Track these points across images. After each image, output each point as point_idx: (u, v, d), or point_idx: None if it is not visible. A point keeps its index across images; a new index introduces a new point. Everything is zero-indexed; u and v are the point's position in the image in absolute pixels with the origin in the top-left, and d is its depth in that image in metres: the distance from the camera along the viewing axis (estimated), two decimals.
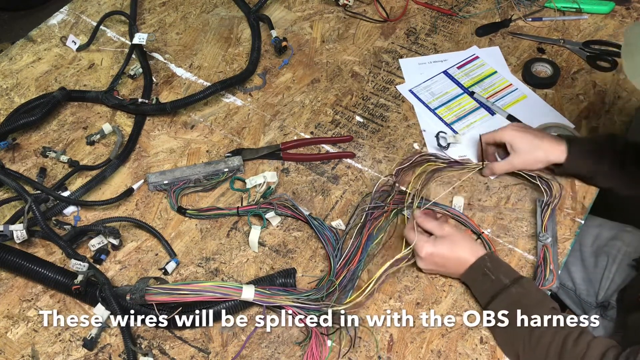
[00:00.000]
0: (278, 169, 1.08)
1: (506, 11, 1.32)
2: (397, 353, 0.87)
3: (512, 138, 0.99)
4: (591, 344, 0.78)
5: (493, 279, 0.86)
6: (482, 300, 0.88)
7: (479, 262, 0.88)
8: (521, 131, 0.99)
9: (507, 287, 0.85)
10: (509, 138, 0.99)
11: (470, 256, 0.89)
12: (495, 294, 0.86)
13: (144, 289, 0.85)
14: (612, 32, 1.27)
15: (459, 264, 0.90)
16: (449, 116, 1.14)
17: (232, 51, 1.27)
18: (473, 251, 0.89)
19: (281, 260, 0.97)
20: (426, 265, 0.92)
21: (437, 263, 0.91)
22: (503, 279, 0.86)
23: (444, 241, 0.90)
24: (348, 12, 1.33)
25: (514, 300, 0.84)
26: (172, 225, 1.01)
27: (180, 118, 1.16)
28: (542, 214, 0.98)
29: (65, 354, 0.88)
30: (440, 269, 0.92)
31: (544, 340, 0.80)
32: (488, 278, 0.87)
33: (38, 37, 1.30)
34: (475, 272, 0.88)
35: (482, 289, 0.88)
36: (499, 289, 0.86)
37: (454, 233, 0.91)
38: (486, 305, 0.87)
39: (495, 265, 0.88)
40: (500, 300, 0.85)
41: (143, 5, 1.36)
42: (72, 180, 1.06)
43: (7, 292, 0.94)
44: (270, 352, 0.87)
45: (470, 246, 0.90)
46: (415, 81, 1.20)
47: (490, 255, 0.89)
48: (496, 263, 0.89)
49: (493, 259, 0.89)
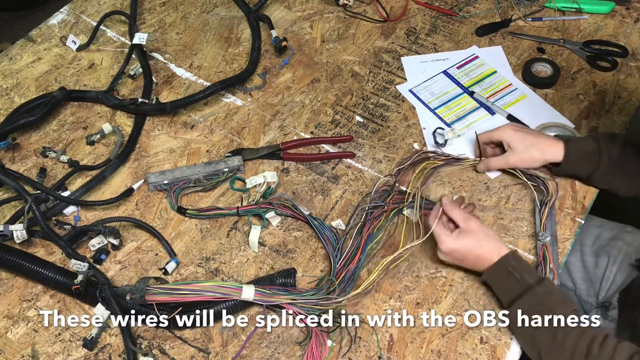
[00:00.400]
0: (278, 169, 1.08)
1: (506, 11, 1.32)
2: (397, 353, 0.87)
3: (509, 136, 0.99)
4: (617, 347, 0.78)
5: (518, 278, 0.86)
6: (506, 298, 0.88)
7: (503, 261, 0.87)
8: (518, 130, 1.00)
9: (533, 287, 0.85)
10: (506, 137, 0.99)
11: (493, 255, 0.88)
12: (521, 293, 0.85)
13: (144, 289, 0.85)
14: (612, 32, 1.27)
15: (481, 262, 0.89)
16: (449, 116, 1.14)
17: (232, 51, 1.27)
18: (496, 250, 0.88)
19: (281, 260, 0.97)
20: (446, 259, 0.91)
21: (457, 259, 0.91)
22: (528, 278, 0.86)
23: (467, 237, 0.89)
24: (348, 12, 1.33)
25: (539, 300, 0.84)
26: (172, 225, 1.01)
27: (180, 118, 1.16)
28: (540, 213, 0.98)
29: (65, 354, 0.88)
30: (460, 264, 0.92)
31: (569, 342, 0.80)
32: (512, 277, 0.86)
33: (38, 37, 1.30)
34: (499, 270, 0.87)
35: (506, 288, 0.87)
36: (525, 288, 0.85)
37: (479, 230, 0.89)
38: (510, 304, 0.86)
39: (519, 264, 0.87)
40: (526, 299, 0.85)
41: (143, 5, 1.36)
42: (72, 180, 1.06)
43: (7, 292, 0.94)
44: (270, 352, 0.87)
45: (493, 245, 0.89)
46: (416, 80, 1.20)
47: (514, 253, 0.88)
48: (520, 262, 0.88)
49: (517, 257, 0.88)
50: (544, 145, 0.98)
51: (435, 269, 0.95)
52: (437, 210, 0.91)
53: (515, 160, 0.99)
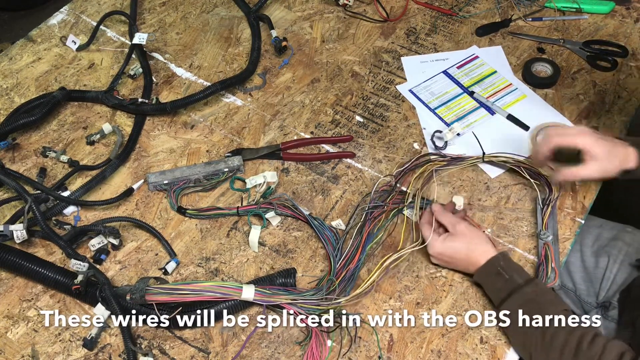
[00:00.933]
0: (278, 169, 1.08)
1: (506, 11, 1.32)
2: (397, 353, 0.87)
3: (589, 145, 0.90)
4: (607, 346, 0.78)
5: (507, 278, 0.87)
6: (496, 299, 0.89)
7: (492, 262, 0.89)
8: (595, 136, 0.92)
9: (521, 287, 0.86)
10: (587, 146, 0.90)
11: (480, 257, 0.89)
12: (509, 293, 0.86)
13: (144, 288, 0.85)
14: (612, 32, 1.27)
15: (469, 264, 0.91)
16: (449, 116, 1.14)
17: (232, 51, 1.27)
18: (484, 252, 0.90)
19: (281, 260, 0.97)
20: (436, 262, 0.94)
21: (447, 261, 0.93)
22: (517, 278, 0.87)
23: (454, 240, 0.91)
24: (348, 12, 1.33)
25: (528, 299, 0.85)
26: (172, 225, 1.01)
27: (180, 118, 1.16)
28: (542, 212, 0.98)
29: (65, 354, 0.88)
30: (450, 266, 0.94)
31: (558, 341, 0.80)
32: (502, 277, 0.87)
33: (38, 37, 1.30)
34: (488, 271, 0.89)
35: (496, 288, 0.88)
36: (513, 288, 0.86)
37: (467, 233, 0.91)
38: (500, 304, 0.87)
39: (509, 264, 0.89)
40: (515, 299, 0.85)
41: (143, 5, 1.36)
42: (72, 180, 1.06)
43: (7, 292, 0.94)
44: (270, 352, 0.87)
45: (483, 247, 0.90)
46: (416, 80, 1.20)
47: (503, 254, 0.90)
48: (509, 263, 0.89)
49: (506, 258, 0.89)
50: (621, 153, 0.92)
51: (435, 269, 0.95)
52: (428, 216, 0.94)
53: (596, 171, 0.91)
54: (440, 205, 0.95)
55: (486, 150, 1.04)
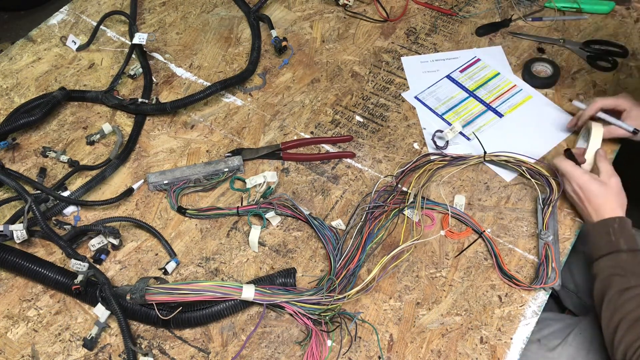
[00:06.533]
0: (278, 169, 1.08)
1: (506, 11, 1.32)
2: (397, 353, 0.87)
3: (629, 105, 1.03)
4: None
5: (612, 240, 0.90)
6: (595, 253, 0.92)
7: (609, 221, 0.92)
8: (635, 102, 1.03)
9: (620, 252, 0.88)
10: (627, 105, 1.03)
11: (606, 213, 0.92)
12: (607, 253, 0.89)
13: (144, 288, 0.85)
14: (612, 32, 1.27)
15: (595, 213, 0.93)
16: (458, 121, 1.12)
17: (232, 51, 1.27)
18: (612, 210, 0.92)
19: (281, 260, 0.97)
20: (570, 191, 0.97)
21: (579, 196, 0.95)
22: (622, 243, 0.89)
23: (602, 186, 0.94)
24: (348, 12, 1.33)
25: (621, 264, 0.88)
26: (172, 225, 1.01)
27: (180, 118, 1.16)
28: (542, 211, 0.98)
29: (65, 354, 0.88)
30: (578, 204, 0.96)
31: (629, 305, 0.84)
32: (608, 237, 0.90)
33: (38, 37, 1.30)
34: (601, 227, 0.92)
35: (598, 244, 0.91)
36: (613, 249, 0.89)
37: (615, 188, 0.94)
38: (596, 259, 0.91)
39: (622, 230, 0.91)
40: (609, 259, 0.89)
41: (143, 5, 1.36)
42: (72, 180, 1.06)
43: (7, 292, 0.94)
44: (270, 351, 0.87)
45: (614, 206, 0.93)
46: (417, 82, 1.19)
47: (623, 219, 0.92)
48: (624, 229, 0.91)
49: (623, 224, 0.92)
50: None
51: (435, 269, 0.95)
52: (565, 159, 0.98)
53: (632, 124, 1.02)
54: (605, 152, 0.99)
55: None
